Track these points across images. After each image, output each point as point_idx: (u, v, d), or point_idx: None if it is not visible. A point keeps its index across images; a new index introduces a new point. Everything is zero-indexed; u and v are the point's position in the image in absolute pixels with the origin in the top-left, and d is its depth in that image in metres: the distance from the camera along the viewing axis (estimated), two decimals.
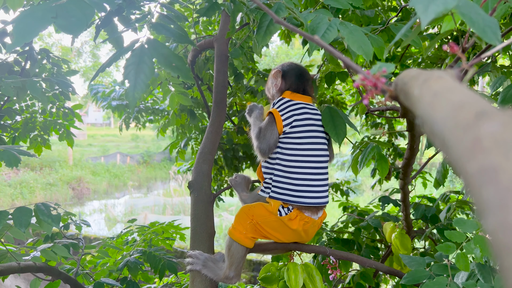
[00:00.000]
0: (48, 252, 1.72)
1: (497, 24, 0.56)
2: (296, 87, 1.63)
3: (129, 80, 0.90)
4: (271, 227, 1.55)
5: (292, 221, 1.52)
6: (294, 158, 1.52)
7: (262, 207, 1.57)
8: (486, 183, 0.23)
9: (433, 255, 1.45)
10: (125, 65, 0.92)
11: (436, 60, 2.50)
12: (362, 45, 1.07)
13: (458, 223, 1.28)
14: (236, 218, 1.60)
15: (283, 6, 1.14)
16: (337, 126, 1.55)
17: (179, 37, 1.19)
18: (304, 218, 1.54)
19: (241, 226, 1.56)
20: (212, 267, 1.61)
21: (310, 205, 1.53)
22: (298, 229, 1.54)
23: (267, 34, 1.22)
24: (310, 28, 1.09)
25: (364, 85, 0.48)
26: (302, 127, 1.54)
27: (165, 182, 17.30)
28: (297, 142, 1.53)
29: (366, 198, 12.22)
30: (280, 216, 1.52)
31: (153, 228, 2.35)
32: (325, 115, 1.58)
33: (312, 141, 1.54)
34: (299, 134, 1.53)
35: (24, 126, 2.62)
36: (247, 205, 1.61)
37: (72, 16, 0.81)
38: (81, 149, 19.67)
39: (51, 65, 2.28)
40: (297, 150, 1.52)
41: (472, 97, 0.29)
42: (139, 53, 0.94)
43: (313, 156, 1.53)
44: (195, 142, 3.38)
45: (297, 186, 1.52)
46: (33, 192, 13.58)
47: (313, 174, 1.53)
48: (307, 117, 1.56)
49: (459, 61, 0.98)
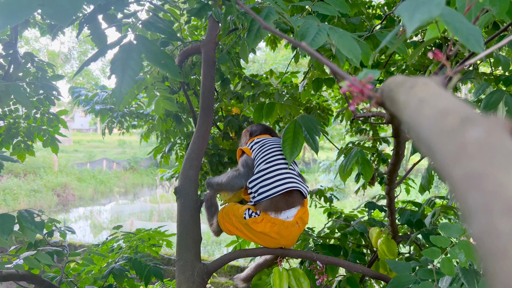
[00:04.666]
0: (31, 259, 1.68)
1: (480, 33, 0.57)
2: (260, 133, 1.94)
3: (116, 75, 0.89)
4: (246, 228, 1.67)
5: (257, 224, 1.62)
6: (260, 168, 1.71)
7: (238, 208, 1.72)
8: (471, 188, 0.23)
9: (419, 260, 1.46)
10: (112, 60, 0.91)
11: (420, 67, 2.54)
12: (352, 49, 1.09)
13: (443, 228, 1.29)
14: (222, 212, 1.78)
15: (273, 10, 1.14)
16: (294, 145, 1.65)
17: (169, 34, 1.18)
18: (270, 220, 1.62)
19: (224, 218, 1.76)
20: (212, 213, 1.86)
21: (275, 196, 1.63)
22: (265, 231, 1.62)
23: (257, 37, 1.23)
24: (300, 33, 1.10)
25: (350, 91, 0.48)
26: (261, 147, 1.78)
27: (151, 189, 17.15)
28: (260, 156, 1.75)
29: (351, 202, 12.30)
30: (245, 219, 1.66)
31: (139, 235, 2.32)
32: (287, 132, 1.67)
33: (270, 151, 1.75)
34: (260, 152, 1.76)
35: (7, 132, 2.57)
36: (230, 204, 1.76)
37: (59, 5, 0.80)
38: (66, 155, 19.40)
39: (36, 69, 2.25)
40: (262, 163, 1.72)
41: (456, 103, 0.30)
42: (127, 48, 0.92)
43: (272, 161, 1.71)
44: (180, 147, 3.35)
45: (263, 186, 1.66)
46: (17, 199, 13.32)
47: (274, 171, 1.68)
48: (264, 139, 1.83)
49: (443, 68, 0.99)
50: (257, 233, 1.66)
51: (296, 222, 1.64)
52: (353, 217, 2.71)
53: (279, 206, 1.62)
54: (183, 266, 1.64)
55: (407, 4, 0.54)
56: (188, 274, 1.62)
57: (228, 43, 2.57)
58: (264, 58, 18.81)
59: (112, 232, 2.43)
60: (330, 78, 2.61)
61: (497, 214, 0.21)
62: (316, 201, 3.23)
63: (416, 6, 0.52)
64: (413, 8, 0.52)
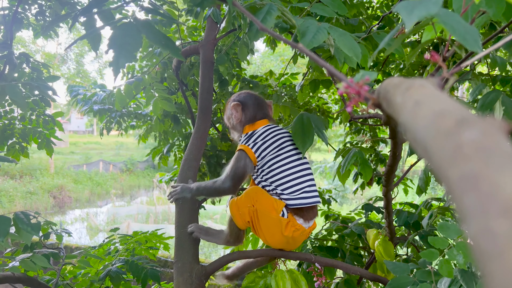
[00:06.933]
0: (27, 262, 1.68)
1: (478, 32, 0.58)
2: (256, 115, 1.74)
3: (113, 49, 0.88)
4: (265, 223, 1.57)
5: (286, 227, 1.56)
6: (280, 169, 1.60)
7: (270, 199, 1.58)
8: (467, 189, 0.23)
9: (416, 262, 1.46)
10: (110, 36, 0.90)
11: (418, 68, 2.55)
12: (352, 47, 1.10)
13: (442, 228, 1.29)
14: (243, 194, 1.63)
15: (274, 7, 1.14)
16: (305, 135, 1.60)
17: (168, 18, 1.18)
18: (296, 225, 1.57)
19: (240, 204, 1.60)
20: (214, 233, 1.72)
21: (307, 205, 1.58)
22: (288, 235, 1.57)
23: (258, 32, 1.23)
24: (300, 31, 1.10)
25: (347, 93, 0.48)
26: (272, 145, 1.62)
27: (148, 190, 17.11)
28: (274, 156, 1.61)
29: (349, 206, 12.30)
30: (282, 216, 1.56)
31: (136, 237, 2.31)
32: (296, 124, 1.63)
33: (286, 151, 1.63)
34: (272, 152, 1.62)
35: (1, 133, 2.56)
36: (258, 189, 1.62)
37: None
38: (63, 157, 19.34)
39: (31, 69, 2.24)
40: (278, 163, 1.60)
41: (453, 105, 0.30)
42: (126, 27, 0.92)
43: (292, 162, 1.61)
44: (178, 148, 3.34)
45: (291, 192, 1.57)
46: (13, 201, 13.26)
47: (299, 178, 1.60)
48: (273, 136, 1.65)
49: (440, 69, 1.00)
50: (276, 234, 1.57)
51: (310, 231, 1.65)
52: (350, 219, 2.71)
53: (309, 215, 1.61)
54: (181, 268, 1.64)
55: (406, 3, 0.55)
56: (186, 276, 1.62)
57: (227, 44, 2.57)
58: (261, 61, 18.83)
59: (108, 234, 2.43)
60: (327, 79, 2.62)
61: (493, 215, 0.21)
62: None
63: (414, 4, 0.54)
64: (412, 6, 0.54)
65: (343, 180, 1.99)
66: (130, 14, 1.48)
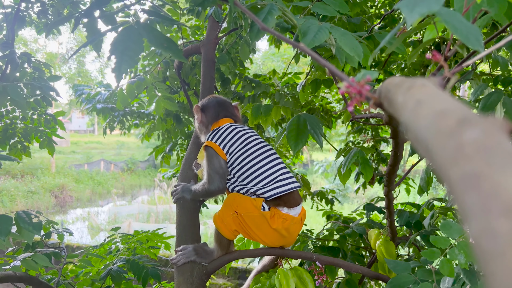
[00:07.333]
0: (29, 261, 1.68)
1: (479, 31, 0.58)
2: (218, 114, 1.77)
3: (115, 55, 0.88)
4: (253, 223, 1.58)
5: (272, 219, 1.57)
6: (249, 165, 1.62)
7: (248, 200, 1.60)
8: (469, 189, 0.23)
9: (418, 261, 1.46)
10: (112, 42, 0.90)
11: (419, 67, 2.54)
12: (354, 46, 1.10)
13: (445, 227, 1.29)
14: (223, 205, 1.64)
15: (275, 6, 1.14)
16: (299, 136, 1.61)
17: (169, 21, 1.18)
18: (282, 216, 1.58)
19: (223, 215, 1.61)
20: (202, 253, 1.67)
21: (286, 193, 1.58)
22: (278, 228, 1.58)
23: (260, 32, 1.23)
24: (301, 31, 1.10)
25: (349, 93, 0.48)
26: (239, 140, 1.65)
27: (149, 190, 17.12)
28: (242, 152, 1.63)
29: (350, 206, 12.29)
30: (263, 211, 1.57)
31: (137, 236, 2.31)
32: (292, 124, 1.64)
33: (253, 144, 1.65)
34: (239, 146, 1.64)
35: (3, 133, 2.56)
36: (235, 194, 1.63)
37: None
38: (64, 156, 19.36)
39: (33, 69, 2.24)
40: (247, 159, 1.62)
41: (454, 104, 0.30)
42: (127, 31, 0.92)
43: (261, 154, 1.64)
44: (181, 148, 3.35)
45: (265, 184, 1.59)
46: (14, 200, 13.28)
47: (270, 168, 1.62)
48: (238, 131, 1.68)
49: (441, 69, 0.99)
50: (266, 230, 1.58)
51: (300, 218, 1.65)
52: (351, 219, 2.71)
53: (291, 202, 1.61)
54: (182, 267, 1.64)
55: (407, 0, 0.55)
56: (187, 275, 1.62)
57: (228, 43, 2.57)
58: (262, 60, 18.83)
59: (110, 233, 2.43)
60: (328, 78, 2.61)
61: (495, 214, 0.21)
62: (318, 203, 3.22)
63: (416, 1, 0.54)
64: (413, 3, 0.54)
65: (343, 179, 1.98)
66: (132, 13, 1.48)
